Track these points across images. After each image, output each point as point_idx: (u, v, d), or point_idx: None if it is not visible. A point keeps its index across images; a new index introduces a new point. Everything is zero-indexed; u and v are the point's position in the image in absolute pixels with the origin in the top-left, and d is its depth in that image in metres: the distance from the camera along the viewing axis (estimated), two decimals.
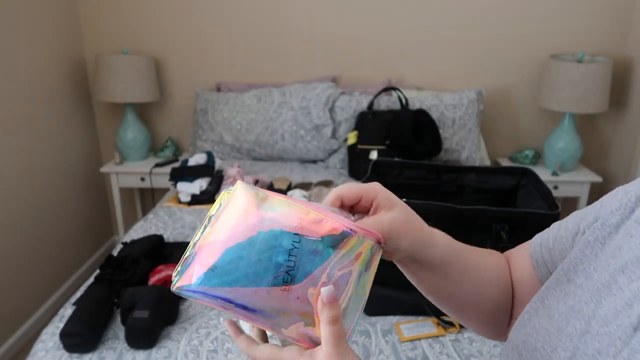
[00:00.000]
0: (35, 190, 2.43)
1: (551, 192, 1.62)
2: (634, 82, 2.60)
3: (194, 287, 0.45)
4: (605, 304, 0.44)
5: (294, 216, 0.45)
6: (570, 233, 0.57)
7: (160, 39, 2.79)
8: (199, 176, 2.27)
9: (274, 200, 0.46)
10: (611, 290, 0.44)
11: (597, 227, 0.52)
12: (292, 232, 0.44)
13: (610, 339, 0.41)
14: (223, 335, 1.39)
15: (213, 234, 0.46)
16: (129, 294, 1.41)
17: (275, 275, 0.44)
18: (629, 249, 0.46)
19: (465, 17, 2.67)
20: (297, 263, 0.44)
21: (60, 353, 1.33)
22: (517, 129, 2.87)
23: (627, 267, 0.44)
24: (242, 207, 0.46)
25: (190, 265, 0.46)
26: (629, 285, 0.43)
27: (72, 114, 2.74)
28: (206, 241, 0.46)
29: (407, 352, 1.33)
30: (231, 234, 0.45)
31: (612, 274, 0.45)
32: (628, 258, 0.45)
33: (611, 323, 0.42)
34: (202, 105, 2.70)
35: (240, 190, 0.47)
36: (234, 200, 0.47)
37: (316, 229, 0.45)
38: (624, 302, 0.42)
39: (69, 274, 2.73)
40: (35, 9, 2.41)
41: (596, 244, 0.50)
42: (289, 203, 0.46)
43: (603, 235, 0.50)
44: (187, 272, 0.45)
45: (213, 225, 0.47)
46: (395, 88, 2.55)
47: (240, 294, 0.44)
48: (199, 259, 0.45)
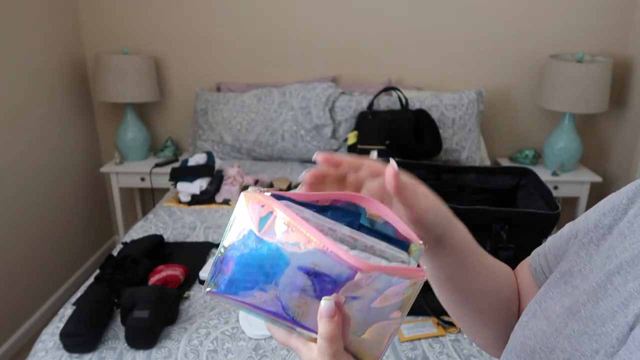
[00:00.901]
0: (35, 190, 2.43)
1: (551, 192, 1.62)
2: (634, 82, 2.60)
3: (220, 293, 0.45)
4: (601, 304, 0.44)
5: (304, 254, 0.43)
6: (565, 238, 0.58)
7: (160, 39, 2.79)
8: (199, 176, 2.27)
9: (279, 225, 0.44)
10: (607, 290, 0.45)
11: (591, 229, 0.52)
12: (306, 271, 0.42)
13: (608, 339, 0.41)
14: (223, 335, 1.39)
15: (227, 243, 0.45)
16: (129, 294, 1.41)
17: (285, 312, 0.43)
18: (624, 249, 0.46)
19: (465, 17, 2.67)
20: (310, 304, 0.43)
21: (60, 353, 1.33)
22: (517, 129, 2.87)
23: (622, 267, 0.45)
24: (247, 226, 0.44)
25: (217, 269, 0.46)
26: (624, 285, 0.43)
27: (72, 114, 2.74)
28: (226, 245, 0.45)
29: (407, 352, 1.33)
30: (241, 250, 0.44)
31: (608, 275, 0.46)
32: (623, 258, 0.45)
33: (608, 323, 0.42)
34: (202, 105, 2.70)
35: (244, 204, 0.45)
36: (239, 217, 0.45)
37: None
38: (620, 302, 0.43)
39: (69, 274, 2.73)
40: (35, 8, 2.41)
41: (590, 246, 0.51)
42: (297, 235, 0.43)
43: (597, 236, 0.51)
44: (215, 277, 0.46)
45: (229, 232, 0.46)
46: (395, 88, 2.55)
47: (261, 306, 0.44)
48: (222, 264, 0.45)
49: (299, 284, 0.42)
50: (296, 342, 0.46)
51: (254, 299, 0.44)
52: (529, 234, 1.33)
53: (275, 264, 0.42)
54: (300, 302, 0.42)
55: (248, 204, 0.45)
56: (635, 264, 0.44)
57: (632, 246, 0.46)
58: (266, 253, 0.43)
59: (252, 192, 0.45)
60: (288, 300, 0.42)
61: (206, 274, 1.61)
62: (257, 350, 1.34)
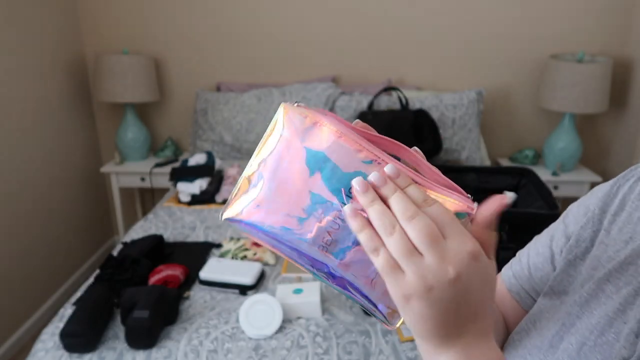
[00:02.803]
0: (35, 190, 2.43)
1: (551, 192, 1.62)
2: (634, 82, 2.60)
3: (240, 219, 0.43)
4: (595, 313, 0.44)
5: (350, 162, 0.40)
6: (544, 258, 0.58)
7: (160, 39, 2.79)
8: (199, 176, 2.27)
9: (323, 135, 0.41)
10: (599, 299, 0.45)
11: (573, 244, 0.53)
12: (343, 193, 0.41)
13: (611, 348, 0.41)
14: (223, 335, 1.39)
15: (257, 165, 0.43)
16: (129, 294, 1.41)
17: (317, 237, 0.41)
18: (609, 258, 0.47)
19: (465, 17, 2.67)
20: (342, 227, 0.41)
21: (60, 353, 1.33)
22: (517, 129, 2.87)
23: (612, 275, 0.45)
24: (285, 137, 0.42)
25: (238, 195, 0.44)
26: (617, 292, 0.44)
27: (72, 114, 2.74)
28: (252, 171, 0.43)
29: (407, 352, 1.33)
30: (272, 170, 0.42)
31: (598, 284, 0.46)
32: (611, 267, 0.46)
33: (607, 331, 0.42)
34: (202, 105, 2.70)
35: (282, 117, 0.42)
36: (277, 130, 0.43)
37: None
38: (615, 309, 0.43)
39: (69, 274, 2.73)
40: (35, 8, 2.41)
41: (577, 261, 0.52)
42: (340, 144, 0.41)
43: (581, 251, 0.52)
44: (236, 203, 0.44)
45: (257, 154, 0.43)
46: (395, 88, 2.55)
47: (287, 237, 0.42)
48: (245, 190, 0.43)
49: (340, 198, 0.40)
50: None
51: (279, 222, 0.42)
52: (529, 234, 1.33)
53: (318, 174, 0.41)
54: (336, 221, 0.41)
55: (286, 114, 0.42)
56: (624, 271, 0.45)
57: (617, 254, 0.46)
58: (306, 164, 0.41)
59: (290, 105, 0.43)
60: (321, 226, 0.41)
61: (206, 274, 1.61)
62: (257, 350, 1.34)
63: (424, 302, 0.37)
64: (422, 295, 0.37)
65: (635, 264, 0.44)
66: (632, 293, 0.43)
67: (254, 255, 1.77)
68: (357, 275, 0.42)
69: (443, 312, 0.38)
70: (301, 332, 1.40)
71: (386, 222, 0.38)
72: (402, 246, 0.37)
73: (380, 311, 0.43)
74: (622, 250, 0.46)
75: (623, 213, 0.50)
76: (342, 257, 0.41)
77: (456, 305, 0.38)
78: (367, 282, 0.42)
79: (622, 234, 0.48)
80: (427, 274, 0.37)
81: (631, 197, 0.50)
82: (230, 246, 1.81)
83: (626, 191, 0.51)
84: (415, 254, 0.37)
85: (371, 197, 0.39)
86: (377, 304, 0.43)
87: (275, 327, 1.39)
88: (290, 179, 0.41)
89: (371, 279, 0.42)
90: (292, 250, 0.43)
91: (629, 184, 0.52)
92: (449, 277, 0.37)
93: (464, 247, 0.37)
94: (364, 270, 0.42)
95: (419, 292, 0.37)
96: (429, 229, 0.37)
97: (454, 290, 0.37)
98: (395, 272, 0.38)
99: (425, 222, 0.37)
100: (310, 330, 1.41)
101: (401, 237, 0.38)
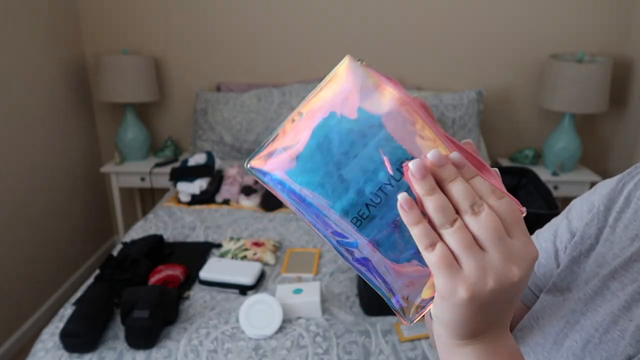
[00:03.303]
0: (35, 190, 2.43)
1: (551, 192, 1.62)
2: (634, 82, 2.60)
3: (267, 171, 0.39)
4: (600, 311, 0.44)
5: (408, 139, 0.37)
6: (548, 254, 0.58)
7: (160, 39, 2.79)
8: (199, 176, 2.27)
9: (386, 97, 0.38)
10: (605, 297, 0.45)
11: (578, 241, 0.53)
12: (394, 167, 0.37)
13: (617, 346, 0.41)
14: (223, 335, 1.39)
15: (302, 115, 0.39)
16: (129, 294, 1.41)
17: (352, 207, 0.38)
18: (615, 255, 0.47)
19: (465, 17, 2.67)
20: (383, 203, 0.37)
21: (60, 353, 1.33)
22: (517, 129, 2.87)
23: (617, 272, 0.45)
24: (343, 92, 0.38)
25: (272, 145, 0.39)
26: (622, 289, 0.43)
27: (72, 114, 2.74)
28: (294, 120, 0.39)
29: (407, 352, 1.33)
30: (319, 127, 0.38)
31: (603, 281, 0.46)
32: (616, 264, 0.46)
33: (612, 329, 0.42)
34: (202, 105, 2.70)
35: (345, 67, 0.39)
36: (335, 82, 0.39)
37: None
38: (620, 306, 0.42)
39: (69, 274, 2.73)
40: (36, 8, 2.41)
41: (581, 258, 0.52)
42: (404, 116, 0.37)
43: (585, 248, 0.52)
44: (267, 153, 0.39)
45: (307, 103, 0.39)
46: None
47: (318, 202, 0.38)
48: (282, 140, 0.39)
49: (380, 178, 0.36)
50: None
51: (313, 183, 0.38)
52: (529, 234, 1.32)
53: (367, 140, 0.37)
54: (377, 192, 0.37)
55: (349, 69, 0.39)
56: (630, 268, 0.44)
57: (622, 251, 0.46)
58: (360, 127, 0.37)
59: (354, 60, 0.39)
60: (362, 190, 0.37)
61: (206, 274, 1.61)
62: (257, 350, 1.34)
63: (478, 302, 0.35)
64: (480, 293, 0.34)
65: None
66: (637, 290, 0.42)
67: (254, 255, 1.77)
68: (384, 258, 0.38)
69: (490, 312, 0.36)
70: (301, 332, 1.40)
71: (447, 214, 0.35)
72: (464, 239, 0.35)
73: (398, 301, 0.40)
74: (628, 247, 0.46)
75: (628, 210, 0.50)
76: (374, 236, 0.38)
77: (504, 307, 0.36)
78: (394, 267, 0.38)
79: (628, 232, 0.48)
80: (489, 270, 0.34)
81: (637, 195, 0.50)
82: (230, 246, 1.81)
83: (631, 188, 0.51)
84: (478, 248, 0.35)
85: (430, 186, 0.35)
86: (397, 293, 0.40)
87: (275, 327, 1.39)
88: (337, 138, 0.38)
89: (400, 266, 0.38)
90: (317, 217, 0.39)
91: (634, 181, 0.52)
92: (512, 278, 0.34)
93: (529, 251, 0.35)
94: (395, 255, 0.38)
95: (476, 289, 0.34)
96: (496, 224, 0.34)
97: (512, 292, 0.35)
98: (451, 267, 0.35)
99: (492, 216, 0.35)
100: (310, 330, 1.41)
101: (463, 229, 0.35)
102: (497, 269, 0.34)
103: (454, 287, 0.35)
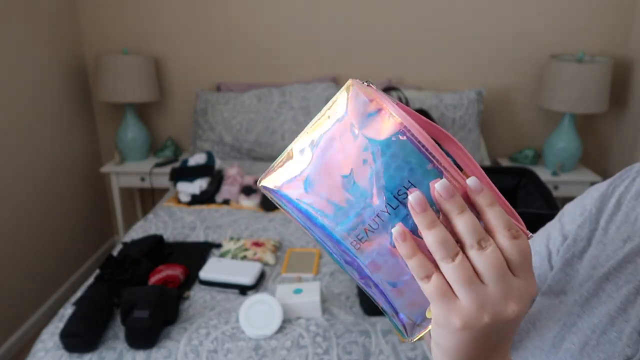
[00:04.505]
0: (35, 190, 2.43)
1: (551, 192, 1.62)
2: (634, 82, 2.60)
3: (277, 190, 0.41)
4: (596, 312, 0.44)
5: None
6: (541, 257, 0.59)
7: (160, 39, 2.79)
8: (199, 176, 2.27)
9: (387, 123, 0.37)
10: (600, 298, 0.45)
11: (570, 243, 0.54)
12: (392, 195, 0.37)
13: (614, 347, 0.41)
14: (223, 335, 1.39)
15: (309, 140, 0.40)
16: (129, 294, 1.41)
17: (352, 229, 0.39)
18: (608, 257, 0.47)
19: (465, 17, 2.67)
20: (381, 229, 0.38)
21: (60, 353, 1.33)
22: (517, 129, 2.87)
23: (611, 274, 0.45)
24: (344, 118, 0.39)
25: (280, 164, 0.41)
26: (617, 291, 0.44)
27: (72, 114, 2.74)
28: (302, 145, 0.40)
29: (407, 352, 1.33)
30: (323, 149, 0.39)
31: (598, 283, 0.46)
32: (610, 266, 0.46)
33: (609, 330, 0.42)
34: (202, 105, 2.70)
35: (347, 95, 0.39)
36: (337, 108, 0.39)
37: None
38: (616, 308, 0.43)
39: (69, 274, 2.73)
40: (35, 8, 2.41)
41: (574, 260, 0.52)
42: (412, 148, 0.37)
43: (578, 250, 0.52)
44: (277, 172, 0.41)
45: (313, 128, 0.40)
46: (395, 88, 2.55)
47: (318, 220, 0.40)
48: (290, 161, 0.41)
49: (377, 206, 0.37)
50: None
51: (318, 204, 0.39)
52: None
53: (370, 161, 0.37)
54: (375, 220, 0.38)
55: (351, 93, 0.39)
56: (624, 269, 0.45)
57: (615, 253, 0.46)
58: (359, 152, 0.38)
59: (358, 83, 0.39)
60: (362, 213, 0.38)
61: (206, 274, 1.61)
62: (257, 350, 1.34)
63: (473, 333, 0.35)
64: (474, 325, 0.34)
65: (635, 262, 0.45)
66: (632, 291, 0.43)
67: (254, 255, 1.77)
68: (386, 278, 0.39)
69: (485, 343, 0.36)
70: (301, 332, 1.40)
71: (448, 248, 0.34)
72: (464, 274, 0.34)
73: (401, 320, 0.41)
74: (621, 249, 0.47)
75: (620, 213, 0.50)
76: (374, 258, 0.39)
77: (500, 339, 0.36)
78: (394, 290, 0.39)
79: (620, 233, 0.49)
80: (486, 305, 0.34)
81: (627, 197, 0.51)
82: (230, 246, 1.81)
83: (622, 191, 0.52)
84: (478, 282, 0.34)
85: (430, 219, 0.34)
86: (399, 312, 0.40)
87: (275, 327, 1.39)
88: (338, 163, 0.38)
89: (399, 288, 0.39)
90: (324, 235, 0.40)
91: (624, 184, 0.52)
92: (509, 315, 0.34)
93: (529, 288, 0.35)
94: (395, 276, 0.39)
95: (470, 322, 0.34)
96: (501, 263, 0.34)
97: (508, 327, 0.35)
98: (447, 297, 0.35)
99: (498, 254, 0.34)
100: (310, 330, 1.41)
101: (464, 264, 0.34)
102: (494, 305, 0.34)
103: (448, 317, 0.35)
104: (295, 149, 0.41)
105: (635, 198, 0.50)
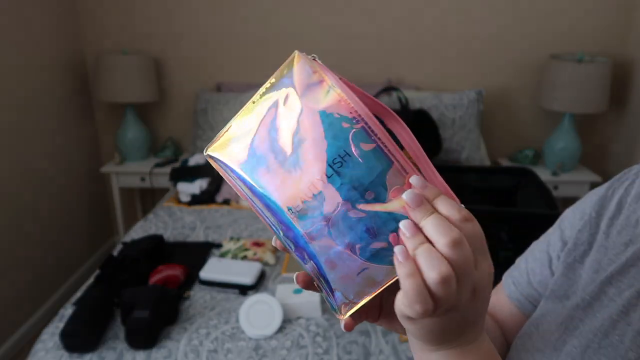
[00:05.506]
0: (35, 190, 2.43)
1: (551, 192, 1.62)
2: (634, 82, 2.60)
3: (223, 160, 0.41)
4: (599, 316, 0.44)
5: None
6: (542, 262, 0.59)
7: (160, 39, 2.79)
8: (199, 176, 2.27)
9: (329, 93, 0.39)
10: (602, 302, 0.45)
11: (571, 248, 0.54)
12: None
13: (616, 351, 0.41)
14: (223, 335, 1.39)
15: (253, 106, 0.41)
16: (129, 294, 1.41)
17: (289, 199, 0.39)
18: (610, 260, 0.47)
19: (465, 17, 2.67)
20: (314, 199, 0.39)
21: (60, 353, 1.33)
22: (517, 129, 2.87)
23: (613, 278, 0.45)
24: (288, 87, 0.40)
25: (226, 134, 0.41)
26: (619, 295, 0.44)
27: (72, 114, 2.74)
28: (245, 113, 0.41)
29: (407, 352, 1.33)
30: (268, 118, 0.40)
31: (600, 287, 0.46)
32: (612, 269, 0.46)
33: (611, 334, 0.42)
34: (202, 105, 2.70)
35: (294, 66, 0.40)
36: (283, 77, 0.40)
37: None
38: (618, 311, 0.43)
39: (69, 274, 2.73)
40: (35, 8, 2.41)
41: (575, 265, 0.52)
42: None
43: (579, 254, 0.52)
44: (222, 142, 0.41)
45: (258, 98, 0.41)
46: (395, 88, 2.55)
47: (258, 190, 0.40)
48: (235, 131, 0.41)
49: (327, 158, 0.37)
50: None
51: (259, 174, 0.40)
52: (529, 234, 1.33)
53: (309, 133, 0.38)
54: (316, 182, 0.38)
55: (296, 65, 0.40)
56: (626, 273, 0.45)
57: (617, 257, 0.46)
58: (303, 121, 0.38)
59: (304, 55, 0.40)
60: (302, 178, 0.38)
61: (206, 274, 1.61)
62: (257, 350, 1.34)
63: (439, 318, 0.36)
64: (443, 313, 0.36)
65: (637, 266, 0.45)
66: (635, 295, 0.43)
67: (254, 255, 1.77)
68: (320, 251, 0.39)
69: (454, 324, 0.37)
70: (301, 332, 1.40)
71: (433, 259, 0.35)
72: (443, 277, 0.35)
73: (335, 299, 0.41)
74: (623, 253, 0.47)
75: (621, 216, 0.50)
76: (308, 227, 0.39)
77: (468, 319, 0.38)
78: (328, 261, 0.40)
79: (622, 237, 0.49)
80: (453, 296, 0.35)
81: (627, 200, 0.51)
82: (230, 246, 1.81)
83: (622, 194, 0.52)
84: (452, 281, 0.35)
85: (420, 240, 0.35)
86: (335, 289, 0.41)
87: (275, 327, 1.39)
88: (279, 132, 0.39)
89: (332, 259, 0.39)
90: (265, 206, 0.41)
91: (624, 186, 0.52)
92: (469, 297, 0.36)
93: (487, 270, 0.37)
94: (327, 249, 0.39)
95: (440, 311, 0.36)
96: (468, 258, 0.35)
97: (471, 307, 0.37)
98: (423, 294, 0.35)
99: (466, 251, 0.35)
100: (310, 330, 1.41)
101: (446, 269, 0.35)
102: (461, 295, 0.35)
103: (416, 309, 0.35)
104: (239, 118, 0.41)
105: (635, 201, 0.50)
